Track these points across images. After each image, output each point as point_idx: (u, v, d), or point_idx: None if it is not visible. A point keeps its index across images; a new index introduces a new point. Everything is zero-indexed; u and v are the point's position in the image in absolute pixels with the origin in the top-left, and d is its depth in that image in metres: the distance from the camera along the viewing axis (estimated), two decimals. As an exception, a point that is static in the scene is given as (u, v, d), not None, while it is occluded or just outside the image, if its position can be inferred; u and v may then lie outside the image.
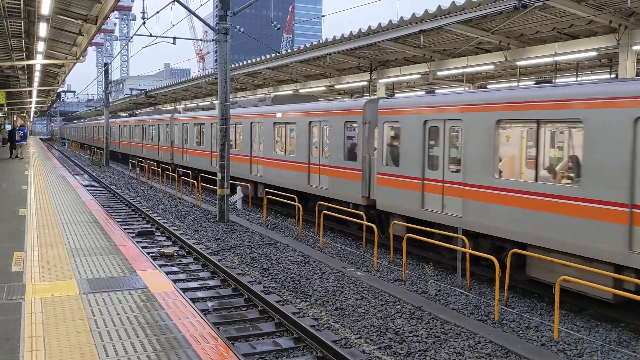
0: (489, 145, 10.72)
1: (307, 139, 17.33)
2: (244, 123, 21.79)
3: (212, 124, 24.96)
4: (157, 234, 16.15)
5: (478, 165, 10.99)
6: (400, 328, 8.61)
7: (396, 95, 19.31)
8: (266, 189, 19.56)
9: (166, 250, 13.38)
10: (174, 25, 20.39)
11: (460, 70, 18.32)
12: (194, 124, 27.54)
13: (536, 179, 9.98)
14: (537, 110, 9.78)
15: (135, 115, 44.88)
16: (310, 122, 17.26)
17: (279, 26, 20.40)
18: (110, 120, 47.80)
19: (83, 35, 17.73)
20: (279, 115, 19.12)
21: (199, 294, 10.40)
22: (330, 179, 16.14)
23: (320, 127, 16.97)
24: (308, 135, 17.26)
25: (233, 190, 20.86)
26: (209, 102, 39.43)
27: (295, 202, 16.96)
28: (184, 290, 10.53)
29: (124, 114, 59.00)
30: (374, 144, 14.57)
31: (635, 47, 13.13)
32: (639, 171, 8.34)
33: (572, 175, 9.81)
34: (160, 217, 18.86)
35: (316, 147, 17.14)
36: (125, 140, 43.18)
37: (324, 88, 26.38)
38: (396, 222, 13.09)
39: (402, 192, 13.11)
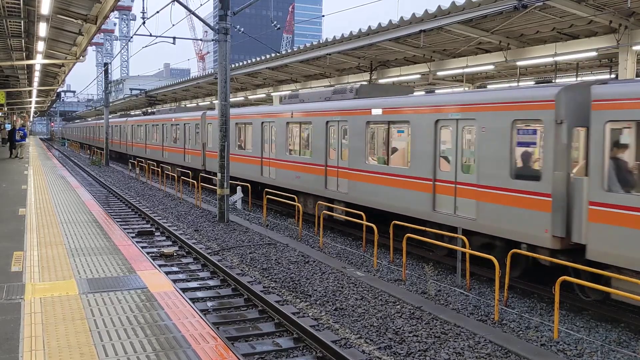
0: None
1: (432, 146, 12.26)
2: (319, 122, 16.56)
3: (262, 123, 20.28)
4: (156, 233, 16.14)
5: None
6: (400, 328, 8.60)
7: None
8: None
9: (166, 250, 13.38)
10: (173, 25, 20.41)
11: (460, 71, 18.32)
12: (236, 123, 22.62)
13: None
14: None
15: (152, 113, 38.33)
16: (437, 121, 12.09)
17: (279, 26, 20.41)
18: (119, 119, 45.90)
19: (83, 35, 17.73)
20: (378, 111, 14.08)
21: (199, 294, 10.40)
22: (484, 205, 10.87)
23: (461, 129, 11.51)
24: (434, 139, 12.16)
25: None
26: (208, 102, 39.46)
27: (294, 202, 16.94)
28: (184, 290, 10.52)
29: (135, 112, 58.25)
30: (576, 154, 9.66)
31: (635, 47, 13.12)
32: (437, 158, 12.26)
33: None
34: (160, 217, 18.85)
35: (444, 157, 12.19)
36: (140, 142, 37.73)
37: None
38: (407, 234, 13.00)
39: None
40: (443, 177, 12.00)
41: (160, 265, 12.19)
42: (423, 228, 12.32)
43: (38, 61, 21.25)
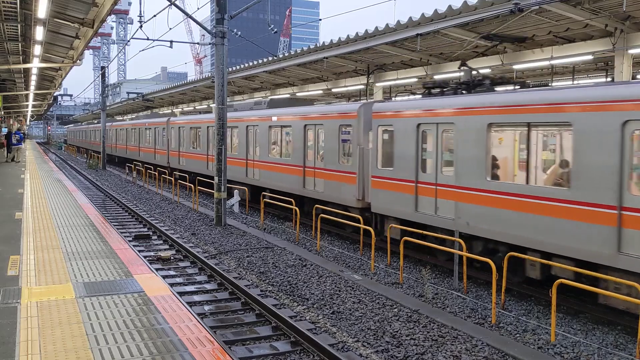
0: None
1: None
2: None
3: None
4: (153, 237, 16.11)
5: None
6: (397, 331, 8.60)
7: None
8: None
9: (163, 254, 13.35)
10: (170, 28, 20.39)
11: (457, 74, 18.34)
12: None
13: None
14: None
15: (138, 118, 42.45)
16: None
17: (276, 30, 20.45)
18: (125, 122, 44.90)
19: (80, 39, 17.72)
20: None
21: (196, 298, 10.38)
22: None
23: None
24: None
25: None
26: (205, 106, 39.43)
27: (292, 205, 16.96)
28: (181, 293, 10.51)
29: (130, 116, 57.76)
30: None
31: (631, 51, 13.17)
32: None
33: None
34: (157, 221, 18.82)
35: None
36: (134, 145, 40.23)
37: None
38: (393, 225, 13.10)
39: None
40: (308, 164, 17.28)
41: (157, 269, 12.18)
42: (420, 231, 12.32)
43: (35, 65, 21.23)
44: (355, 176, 15.18)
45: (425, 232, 12.19)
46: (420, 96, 13.71)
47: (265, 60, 23.17)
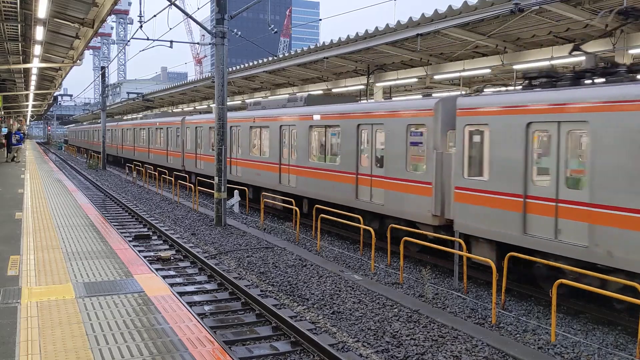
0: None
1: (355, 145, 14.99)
2: None
3: (231, 127, 22.70)
4: (153, 237, 16.11)
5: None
6: (397, 331, 8.59)
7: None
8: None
9: (163, 254, 13.35)
10: (171, 29, 20.39)
11: (457, 74, 18.36)
12: (210, 127, 24.56)
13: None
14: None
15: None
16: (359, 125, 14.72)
17: (276, 30, 20.44)
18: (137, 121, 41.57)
19: (80, 39, 17.72)
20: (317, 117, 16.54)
21: (196, 298, 10.38)
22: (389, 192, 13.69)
23: None
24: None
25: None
26: (205, 106, 39.43)
27: (292, 205, 16.95)
28: (181, 294, 10.51)
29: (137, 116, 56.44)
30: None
31: (631, 51, 13.17)
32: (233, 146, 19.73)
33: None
34: (157, 221, 18.82)
35: None
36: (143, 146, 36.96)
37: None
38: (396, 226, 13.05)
39: None
40: (362, 171, 14.87)
41: (157, 269, 12.17)
42: (420, 231, 12.32)
43: (35, 65, 21.23)
44: (431, 187, 12.38)
45: (424, 232, 12.18)
46: (520, 88, 11.18)
47: (265, 60, 23.17)
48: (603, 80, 9.77)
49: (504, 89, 12.77)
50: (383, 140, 14.08)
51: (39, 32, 15.08)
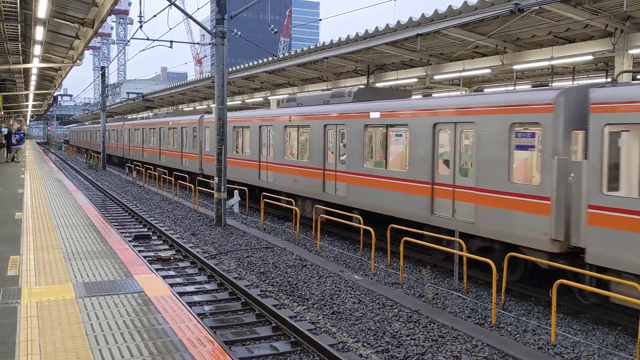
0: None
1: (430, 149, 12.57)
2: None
3: (260, 127, 20.02)
4: (153, 237, 16.11)
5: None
6: (397, 332, 8.59)
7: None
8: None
9: (163, 254, 13.35)
10: (170, 29, 20.39)
11: (457, 74, 18.36)
12: (234, 127, 22.32)
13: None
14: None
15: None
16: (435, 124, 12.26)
17: (276, 30, 20.44)
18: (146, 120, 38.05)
19: (80, 39, 17.72)
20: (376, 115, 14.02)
21: (196, 298, 10.38)
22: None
23: None
24: None
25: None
26: (205, 106, 39.43)
27: (292, 206, 16.94)
28: (181, 294, 10.50)
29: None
30: None
31: (631, 51, 13.17)
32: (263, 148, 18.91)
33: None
34: (156, 221, 18.82)
35: None
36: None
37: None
38: (393, 226, 13.01)
39: None
40: (441, 181, 12.29)
41: (157, 269, 12.17)
42: (421, 232, 12.32)
43: (35, 65, 21.23)
44: (549, 203, 9.78)
45: (423, 232, 12.17)
46: None
47: (265, 60, 23.18)
48: None
49: None
50: (472, 142, 11.48)
51: (39, 32, 15.08)
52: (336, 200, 15.72)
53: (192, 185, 23.43)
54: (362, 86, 20.58)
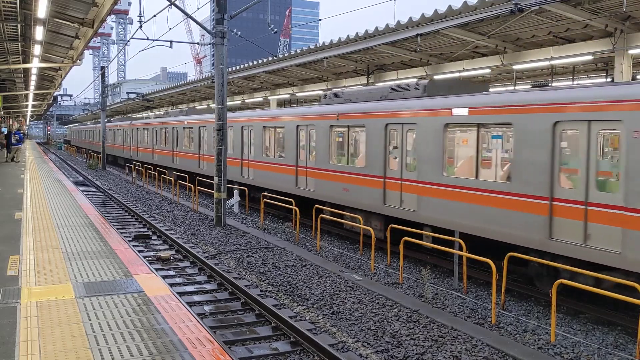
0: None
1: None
2: None
3: (297, 126, 17.51)
4: (153, 237, 16.11)
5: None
6: (397, 332, 8.60)
7: None
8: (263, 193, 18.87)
9: (163, 254, 13.35)
10: (170, 29, 20.39)
11: (457, 74, 18.36)
12: (264, 126, 19.94)
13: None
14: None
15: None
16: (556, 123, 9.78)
17: (276, 30, 20.44)
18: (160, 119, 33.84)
19: (80, 39, 17.72)
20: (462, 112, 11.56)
21: (196, 298, 10.38)
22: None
23: None
24: None
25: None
26: (205, 106, 39.43)
27: (292, 206, 16.93)
28: (181, 294, 10.50)
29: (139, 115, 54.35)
30: None
31: (631, 51, 13.18)
32: (302, 151, 16.79)
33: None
34: (156, 221, 18.82)
35: None
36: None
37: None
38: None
39: None
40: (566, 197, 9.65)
41: (157, 269, 12.17)
42: (422, 232, 12.32)
43: (35, 65, 21.22)
44: None
45: (424, 232, 12.17)
46: None
47: (265, 60, 23.19)
48: None
49: None
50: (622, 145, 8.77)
51: (39, 32, 15.08)
52: (404, 215, 13.03)
53: (191, 185, 23.42)
54: (424, 79, 17.79)
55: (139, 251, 14.01)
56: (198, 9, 21.71)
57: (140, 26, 19.60)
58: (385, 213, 13.79)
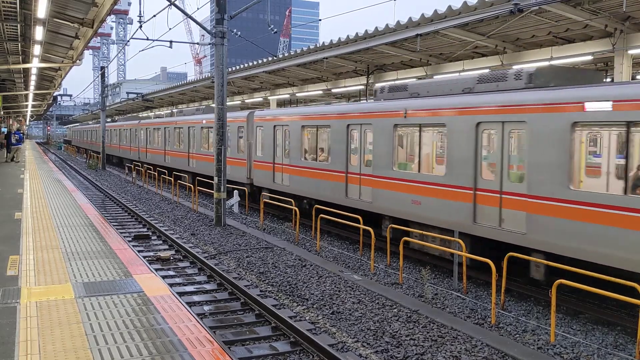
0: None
1: None
2: None
3: (349, 125, 15.15)
4: (153, 237, 16.11)
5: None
6: (397, 332, 8.60)
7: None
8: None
9: (162, 254, 13.35)
10: (170, 29, 20.40)
11: (457, 75, 18.36)
12: (302, 125, 17.57)
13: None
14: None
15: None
16: None
17: (275, 30, 20.44)
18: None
19: (79, 39, 17.72)
20: (601, 106, 9.04)
21: (195, 298, 10.38)
22: None
23: None
24: None
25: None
26: (204, 106, 39.40)
27: (292, 205, 16.92)
28: (180, 294, 10.50)
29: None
30: None
31: (630, 52, 13.18)
32: (353, 155, 15.03)
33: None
34: (156, 221, 18.82)
35: None
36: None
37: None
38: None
39: None
40: None
41: (156, 269, 12.17)
42: (424, 232, 12.31)
43: (34, 65, 21.23)
44: None
45: (425, 233, 12.17)
46: None
47: (265, 60, 23.19)
48: None
49: None
50: None
51: (39, 32, 15.08)
52: (503, 237, 10.56)
53: (191, 185, 23.41)
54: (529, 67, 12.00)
55: (139, 251, 14.01)
56: (198, 9, 21.74)
57: (140, 26, 19.61)
58: (474, 233, 11.21)
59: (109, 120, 59.02)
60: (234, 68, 26.08)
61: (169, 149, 31.49)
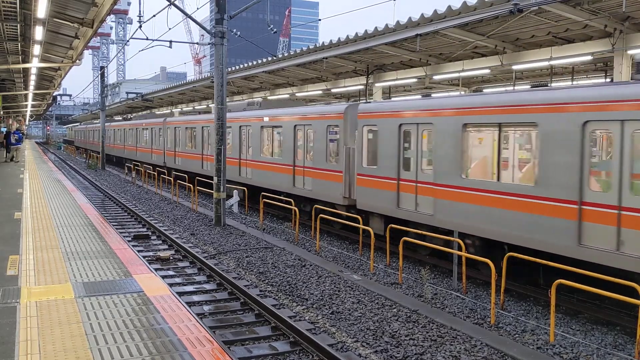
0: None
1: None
2: None
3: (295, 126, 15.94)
4: (153, 237, 16.11)
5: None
6: (396, 332, 8.60)
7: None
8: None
9: (162, 254, 13.35)
10: (170, 29, 20.39)
11: (457, 75, 18.37)
12: (401, 124, 13.59)
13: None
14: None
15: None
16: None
17: (275, 30, 20.44)
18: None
19: (79, 39, 17.73)
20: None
21: (195, 298, 10.38)
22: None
23: None
24: None
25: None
26: (204, 106, 39.43)
27: (292, 205, 16.92)
28: (180, 294, 10.51)
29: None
30: None
31: (630, 52, 13.18)
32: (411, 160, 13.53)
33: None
34: (156, 221, 18.82)
35: None
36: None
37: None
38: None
39: None
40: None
41: (156, 269, 12.17)
42: (424, 232, 12.32)
43: (34, 65, 21.23)
44: None
45: (425, 233, 12.19)
46: None
47: (264, 60, 23.18)
48: None
49: None
50: None
51: (39, 32, 15.08)
52: (616, 262, 8.70)
53: (191, 185, 23.40)
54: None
55: (139, 251, 14.01)
56: (198, 9, 21.72)
57: (140, 26, 19.60)
58: (578, 257, 9.22)
59: (118, 118, 58.10)
60: (233, 68, 26.08)
61: (207, 154, 25.41)
